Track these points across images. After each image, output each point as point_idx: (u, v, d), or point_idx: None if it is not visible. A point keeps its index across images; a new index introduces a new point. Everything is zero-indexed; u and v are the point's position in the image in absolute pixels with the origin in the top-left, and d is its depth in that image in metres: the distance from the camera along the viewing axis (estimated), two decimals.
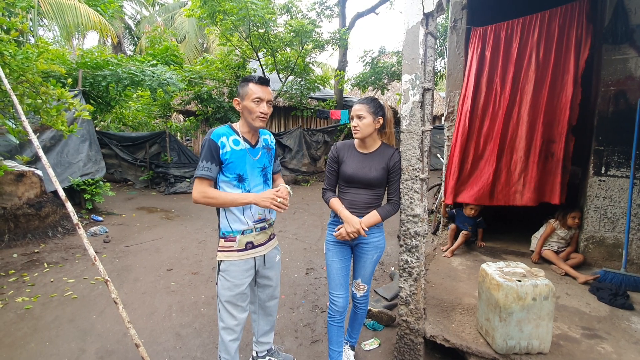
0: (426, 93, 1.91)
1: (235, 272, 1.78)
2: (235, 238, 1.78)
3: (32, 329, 2.64)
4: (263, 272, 1.93)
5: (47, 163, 2.09)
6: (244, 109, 1.74)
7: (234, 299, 1.79)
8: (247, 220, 1.79)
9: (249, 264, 1.82)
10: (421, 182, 1.91)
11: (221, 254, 1.79)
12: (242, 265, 1.79)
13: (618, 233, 2.88)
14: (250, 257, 1.82)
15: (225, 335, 1.82)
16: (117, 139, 8.48)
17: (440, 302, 2.44)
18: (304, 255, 4.24)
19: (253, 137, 1.83)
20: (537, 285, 1.79)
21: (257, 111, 1.70)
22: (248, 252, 1.81)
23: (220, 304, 1.81)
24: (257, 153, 1.82)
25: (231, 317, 1.81)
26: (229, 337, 1.82)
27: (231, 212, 1.77)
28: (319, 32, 9.45)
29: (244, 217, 1.78)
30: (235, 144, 1.75)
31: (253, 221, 1.81)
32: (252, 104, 1.70)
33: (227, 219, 1.78)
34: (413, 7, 1.86)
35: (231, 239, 1.78)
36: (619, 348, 1.93)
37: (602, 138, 2.88)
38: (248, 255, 1.81)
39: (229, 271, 1.77)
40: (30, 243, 4.42)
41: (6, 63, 3.27)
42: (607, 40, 2.81)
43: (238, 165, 1.74)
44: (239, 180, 1.76)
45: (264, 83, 1.73)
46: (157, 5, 17.56)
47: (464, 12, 3.48)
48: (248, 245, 1.81)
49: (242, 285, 1.80)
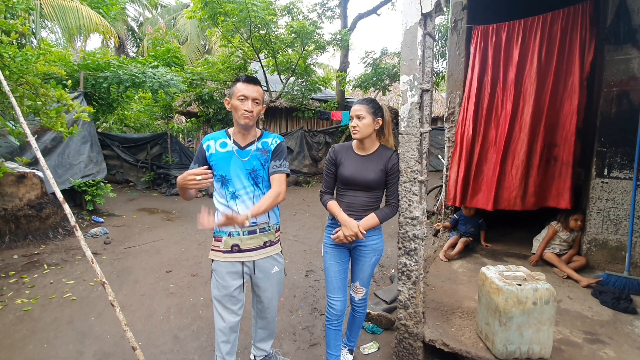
0: (425, 94, 1.89)
1: (222, 272, 1.79)
2: (221, 238, 1.79)
3: (30, 330, 2.63)
4: (255, 280, 1.90)
5: (44, 165, 2.08)
6: (232, 108, 1.76)
7: (223, 300, 1.80)
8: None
9: (235, 267, 1.80)
10: (420, 184, 1.89)
11: (211, 253, 1.84)
12: (229, 267, 1.79)
13: (621, 236, 2.84)
14: (237, 260, 1.80)
15: (217, 335, 1.86)
16: (119, 140, 8.51)
17: (440, 306, 2.42)
18: (303, 257, 4.23)
19: (244, 138, 1.82)
20: (537, 289, 1.76)
21: (241, 109, 1.70)
22: (234, 254, 1.79)
23: (213, 303, 1.85)
24: (246, 154, 1.79)
25: (220, 319, 1.82)
26: (220, 338, 1.85)
27: (219, 213, 1.78)
28: (320, 34, 9.43)
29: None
30: (222, 146, 1.79)
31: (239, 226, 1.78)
32: (237, 102, 1.71)
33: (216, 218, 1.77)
34: (411, 7, 1.84)
35: (218, 238, 1.80)
36: (621, 353, 1.90)
37: (605, 139, 2.85)
38: (234, 258, 1.79)
39: (217, 271, 1.81)
40: (31, 244, 4.43)
41: (6, 65, 3.28)
42: (610, 41, 2.78)
43: (221, 167, 1.77)
44: (223, 182, 1.78)
45: (251, 82, 1.73)
46: (159, 7, 17.63)
47: (464, 12, 3.46)
48: (234, 248, 1.79)
49: (229, 287, 1.79)
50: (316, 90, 10.43)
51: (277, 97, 10.12)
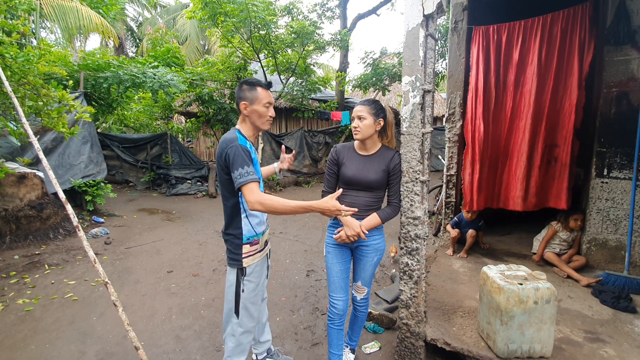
0: (426, 95, 1.90)
1: (258, 271, 1.82)
2: (259, 240, 1.81)
3: (32, 331, 2.64)
4: None
5: (47, 165, 2.09)
6: (253, 113, 1.74)
7: (257, 298, 1.83)
8: (264, 219, 1.87)
9: (264, 261, 1.89)
10: (421, 185, 1.90)
11: (248, 260, 1.74)
12: (262, 263, 1.86)
13: (621, 235, 2.85)
14: (265, 252, 1.91)
15: (244, 338, 1.80)
16: (119, 140, 8.50)
17: (441, 305, 2.43)
18: (304, 257, 4.23)
19: (254, 141, 1.87)
20: (538, 288, 1.77)
21: (267, 115, 1.77)
22: (265, 250, 1.90)
23: (243, 310, 1.76)
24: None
25: (251, 319, 1.81)
26: (247, 339, 1.82)
27: (254, 216, 1.78)
28: (320, 34, 9.44)
29: (263, 217, 1.87)
30: (251, 149, 1.75)
31: (265, 219, 1.90)
32: (263, 108, 1.75)
33: (250, 224, 1.76)
34: (413, 8, 1.85)
35: (256, 241, 1.80)
36: (621, 352, 1.91)
37: (605, 140, 2.86)
38: (264, 251, 1.89)
39: (255, 272, 1.79)
40: (32, 244, 4.43)
41: (7, 65, 3.28)
42: (609, 42, 2.79)
43: (257, 171, 1.72)
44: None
45: (270, 88, 1.83)
46: (159, 7, 17.61)
47: (464, 13, 3.47)
48: (266, 244, 1.91)
49: (263, 282, 1.88)
50: (316, 90, 10.44)
51: (277, 98, 10.12)
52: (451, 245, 3.43)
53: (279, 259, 4.16)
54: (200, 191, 8.19)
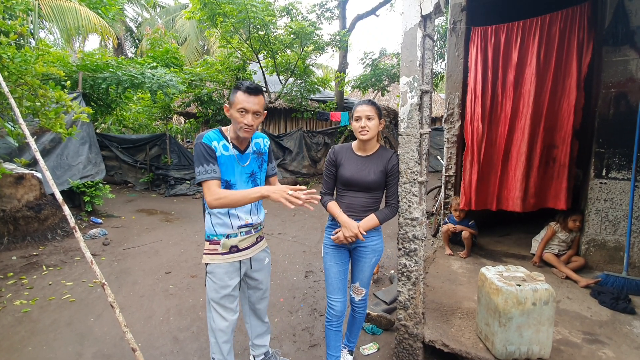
0: (424, 95, 1.90)
1: (220, 274, 1.77)
2: (219, 241, 1.76)
3: (29, 332, 2.62)
4: (251, 274, 1.93)
5: (44, 166, 2.08)
6: (232, 117, 1.70)
7: (222, 301, 1.78)
8: (232, 223, 1.76)
9: (233, 267, 1.81)
10: (419, 185, 1.90)
11: (206, 257, 1.78)
12: (227, 267, 1.78)
13: (619, 236, 2.85)
14: (235, 260, 1.80)
15: (218, 336, 1.82)
16: (118, 141, 8.49)
17: (440, 306, 2.42)
18: (303, 258, 4.22)
19: (242, 142, 1.79)
20: (537, 289, 1.77)
21: (242, 122, 1.64)
22: (233, 255, 1.79)
23: (210, 305, 1.81)
24: (246, 159, 1.79)
25: (221, 319, 1.80)
26: (221, 338, 1.82)
27: (216, 216, 1.75)
28: (319, 34, 9.45)
29: (230, 220, 1.75)
30: (224, 149, 1.72)
31: (238, 226, 1.77)
32: (237, 114, 1.64)
33: (211, 222, 1.76)
34: (411, 9, 1.85)
35: (215, 242, 1.77)
36: (620, 353, 1.90)
37: (603, 140, 2.86)
38: (233, 258, 1.79)
39: (215, 273, 1.77)
40: (30, 246, 4.41)
41: (4, 66, 3.27)
42: (608, 42, 2.79)
43: (226, 172, 1.71)
44: (227, 187, 1.72)
45: (252, 92, 1.63)
46: (158, 7, 17.61)
47: (463, 13, 3.47)
48: (232, 249, 1.79)
49: (228, 287, 1.78)
50: (315, 91, 10.44)
51: (276, 98, 10.12)
52: (445, 241, 3.43)
53: (277, 259, 4.15)
54: (199, 192, 8.18)
